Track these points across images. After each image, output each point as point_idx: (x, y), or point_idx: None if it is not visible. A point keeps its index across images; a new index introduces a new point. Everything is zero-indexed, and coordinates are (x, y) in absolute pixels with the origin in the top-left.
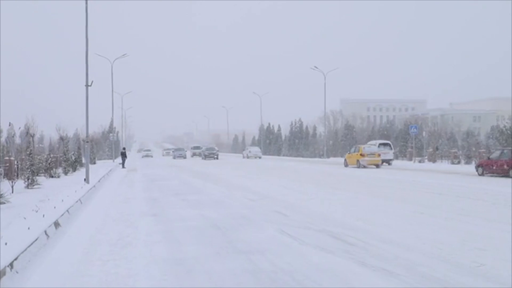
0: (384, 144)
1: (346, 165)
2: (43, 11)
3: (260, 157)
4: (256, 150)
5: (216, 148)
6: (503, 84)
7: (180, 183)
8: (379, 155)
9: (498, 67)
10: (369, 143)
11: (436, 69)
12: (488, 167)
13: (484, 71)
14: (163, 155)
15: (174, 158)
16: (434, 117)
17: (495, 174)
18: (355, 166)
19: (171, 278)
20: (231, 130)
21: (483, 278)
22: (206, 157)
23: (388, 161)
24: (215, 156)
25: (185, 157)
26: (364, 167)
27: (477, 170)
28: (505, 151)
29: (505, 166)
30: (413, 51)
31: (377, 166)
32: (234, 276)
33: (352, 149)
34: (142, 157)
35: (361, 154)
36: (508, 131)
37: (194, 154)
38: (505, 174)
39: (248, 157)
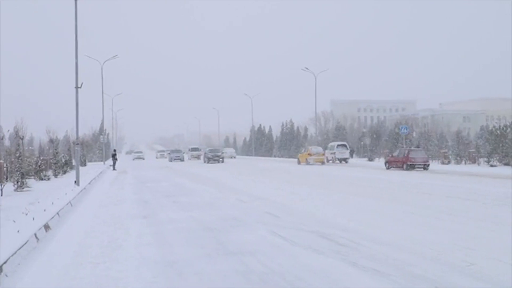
0: (342, 145)
1: (299, 162)
2: (33, 13)
3: (235, 157)
4: (231, 151)
5: (221, 150)
6: (492, 84)
7: (172, 185)
8: (323, 154)
9: (489, 68)
10: (329, 144)
11: (428, 70)
12: (392, 163)
13: (474, 73)
14: (157, 158)
15: (170, 160)
16: (425, 117)
17: (396, 168)
18: (305, 163)
19: (162, 280)
20: (222, 132)
21: (473, 278)
22: (209, 160)
23: (345, 159)
24: (220, 159)
25: (182, 160)
26: (312, 164)
27: (385, 165)
28: (401, 150)
29: (401, 162)
30: (407, 52)
31: (322, 163)
32: (225, 277)
33: (303, 150)
34: (133, 159)
35: (309, 154)
36: (498, 131)
37: (192, 157)
38: (402, 167)
39: None
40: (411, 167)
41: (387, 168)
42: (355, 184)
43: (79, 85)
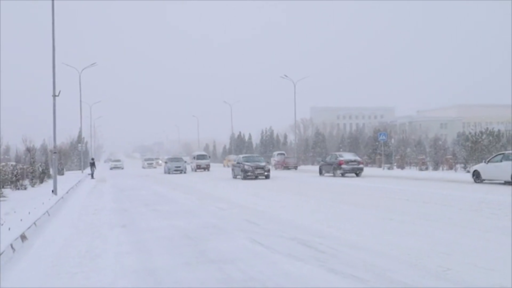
0: (280, 154)
1: (224, 165)
2: (7, 19)
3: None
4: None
5: (263, 159)
6: (468, 92)
7: (151, 193)
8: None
9: (465, 76)
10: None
11: (407, 79)
12: (277, 165)
13: (450, 81)
14: (143, 168)
15: (168, 172)
16: (403, 124)
17: (279, 169)
18: (227, 166)
19: None
20: (202, 139)
21: (449, 282)
22: (247, 174)
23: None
24: (266, 174)
25: (184, 171)
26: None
27: (274, 166)
28: (281, 157)
29: (281, 165)
30: (389, 62)
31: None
32: (205, 286)
33: (226, 158)
34: (111, 168)
35: (228, 160)
36: (473, 138)
37: (198, 167)
38: (288, 168)
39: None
40: (287, 168)
41: (276, 169)
42: None
43: (56, 93)
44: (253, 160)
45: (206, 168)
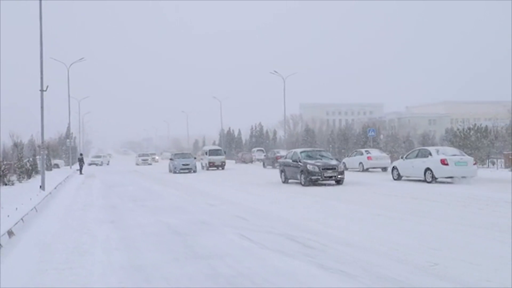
0: (260, 150)
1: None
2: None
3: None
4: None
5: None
6: (456, 89)
7: (138, 189)
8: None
9: (455, 74)
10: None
11: (395, 75)
12: (239, 160)
13: (439, 78)
14: (137, 164)
15: (174, 171)
16: (392, 120)
17: (242, 163)
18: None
19: (128, 285)
20: (192, 135)
21: (436, 277)
22: (311, 178)
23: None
24: (338, 177)
25: (195, 170)
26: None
27: (235, 161)
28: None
29: (242, 159)
30: (377, 58)
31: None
32: (193, 281)
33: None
34: (89, 165)
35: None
36: (461, 134)
37: (211, 165)
38: (245, 163)
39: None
40: (244, 162)
41: (236, 163)
42: None
43: (44, 88)
44: (316, 156)
45: (221, 166)
